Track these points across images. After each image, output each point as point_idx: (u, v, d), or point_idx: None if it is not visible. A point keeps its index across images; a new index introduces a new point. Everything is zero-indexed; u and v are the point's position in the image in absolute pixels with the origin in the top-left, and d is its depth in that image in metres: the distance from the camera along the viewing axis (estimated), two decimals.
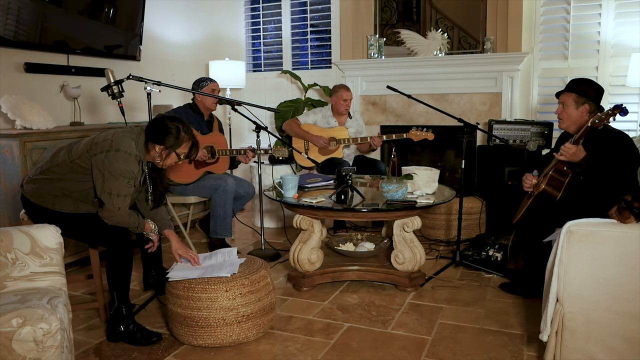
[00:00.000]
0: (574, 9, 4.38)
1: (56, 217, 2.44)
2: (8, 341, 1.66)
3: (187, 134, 2.47)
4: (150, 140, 2.45)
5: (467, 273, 3.29)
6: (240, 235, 4.33)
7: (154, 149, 2.45)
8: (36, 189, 2.47)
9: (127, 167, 2.37)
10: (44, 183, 2.46)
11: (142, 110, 4.46)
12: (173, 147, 2.43)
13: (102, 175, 2.36)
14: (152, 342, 2.40)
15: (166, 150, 2.44)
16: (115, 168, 2.35)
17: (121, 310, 2.43)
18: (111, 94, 2.63)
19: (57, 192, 2.45)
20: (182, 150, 2.47)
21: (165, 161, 2.49)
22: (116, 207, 2.38)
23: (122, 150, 2.36)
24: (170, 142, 2.42)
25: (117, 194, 2.37)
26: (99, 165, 2.37)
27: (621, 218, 1.90)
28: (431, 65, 4.74)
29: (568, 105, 2.85)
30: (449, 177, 4.93)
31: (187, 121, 2.53)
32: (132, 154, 2.39)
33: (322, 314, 2.72)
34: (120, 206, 2.39)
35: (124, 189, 2.39)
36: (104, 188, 2.37)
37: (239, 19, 5.69)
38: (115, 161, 2.35)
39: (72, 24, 3.82)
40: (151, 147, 2.46)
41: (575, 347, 1.94)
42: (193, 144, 2.51)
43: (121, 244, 2.43)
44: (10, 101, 3.29)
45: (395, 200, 2.93)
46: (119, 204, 2.38)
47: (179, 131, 2.43)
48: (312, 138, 4.23)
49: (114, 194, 2.37)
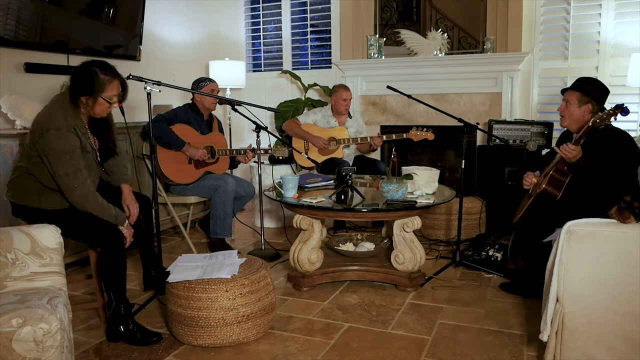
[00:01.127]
0: (574, 9, 4.38)
1: (46, 216, 2.42)
2: (8, 341, 1.66)
3: (109, 74, 2.36)
4: (74, 96, 2.35)
5: (467, 273, 3.29)
6: (240, 235, 4.33)
7: (82, 102, 2.36)
8: (16, 189, 2.46)
9: (61, 144, 2.29)
10: (18, 181, 2.45)
11: (142, 110, 4.45)
12: (97, 92, 2.33)
13: (47, 159, 2.32)
14: (152, 342, 2.40)
15: (91, 98, 2.34)
16: (53, 148, 2.29)
17: (119, 309, 2.42)
18: None
19: (36, 187, 2.42)
20: (110, 94, 2.37)
21: (95, 110, 2.38)
22: (72, 186, 2.32)
23: (52, 128, 2.29)
24: (91, 88, 2.32)
25: (65, 174, 2.32)
26: (41, 151, 2.33)
27: (621, 218, 1.90)
28: (431, 65, 4.74)
29: (571, 103, 2.85)
30: (449, 177, 4.93)
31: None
32: (62, 127, 2.30)
33: (322, 314, 2.72)
34: (76, 184, 2.32)
35: (70, 166, 2.31)
36: (55, 172, 2.33)
37: (239, 19, 5.69)
38: (49, 142, 2.29)
39: (72, 24, 3.82)
40: (79, 103, 2.36)
41: (575, 347, 1.94)
42: (122, 82, 2.40)
43: (113, 243, 2.41)
44: (10, 101, 3.29)
45: (395, 200, 2.93)
46: (74, 183, 2.32)
47: (97, 74, 2.33)
48: (311, 138, 4.23)
49: (62, 174, 2.32)
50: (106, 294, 2.47)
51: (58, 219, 2.41)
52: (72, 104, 2.37)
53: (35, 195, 2.43)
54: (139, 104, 4.39)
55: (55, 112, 2.34)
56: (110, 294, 2.43)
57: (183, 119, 3.67)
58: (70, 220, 2.45)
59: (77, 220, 2.45)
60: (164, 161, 3.57)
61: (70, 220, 2.45)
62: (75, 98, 2.36)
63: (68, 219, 2.45)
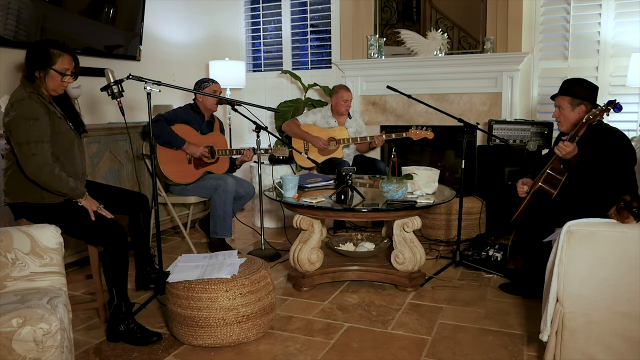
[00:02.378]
0: (574, 9, 4.38)
1: (49, 212, 2.43)
2: (8, 341, 1.66)
3: (59, 48, 2.43)
4: (30, 72, 2.42)
5: (467, 273, 3.29)
6: (240, 235, 4.33)
7: (37, 79, 2.42)
8: (14, 189, 2.46)
9: (25, 110, 2.33)
10: (13, 181, 2.45)
11: (142, 110, 4.46)
12: (48, 64, 2.40)
13: (10, 132, 2.35)
14: (152, 341, 2.40)
15: (43, 71, 2.40)
16: (17, 116, 2.33)
17: (120, 307, 2.42)
18: (111, 94, 2.62)
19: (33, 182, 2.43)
20: (62, 67, 2.43)
21: (48, 84, 2.43)
22: (31, 154, 2.32)
23: (16, 100, 2.36)
24: (42, 62, 2.39)
25: (26, 141, 2.32)
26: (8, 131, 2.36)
27: (620, 218, 1.90)
28: (431, 65, 4.74)
29: (564, 108, 2.85)
30: (449, 177, 4.93)
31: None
32: (24, 97, 2.35)
33: (322, 314, 2.72)
34: (35, 152, 2.32)
35: (32, 133, 2.32)
36: (15, 141, 2.34)
37: (239, 19, 5.69)
38: (15, 114, 2.33)
39: (72, 24, 3.82)
40: (35, 79, 2.42)
41: (575, 347, 1.94)
42: (74, 57, 2.48)
43: (115, 240, 2.42)
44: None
45: (395, 200, 2.93)
46: (33, 150, 2.32)
47: (46, 46, 2.41)
48: (311, 139, 4.23)
49: (23, 142, 2.32)
50: (108, 292, 2.47)
51: (61, 215, 2.43)
52: (28, 81, 2.43)
53: (36, 192, 2.43)
54: (139, 104, 4.40)
55: (15, 91, 2.43)
56: (113, 290, 2.43)
57: (183, 119, 3.67)
58: (73, 216, 2.45)
59: (80, 216, 2.46)
60: (164, 161, 3.57)
61: (73, 216, 2.46)
62: (31, 75, 2.42)
63: (71, 215, 2.45)
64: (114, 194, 2.82)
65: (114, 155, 3.65)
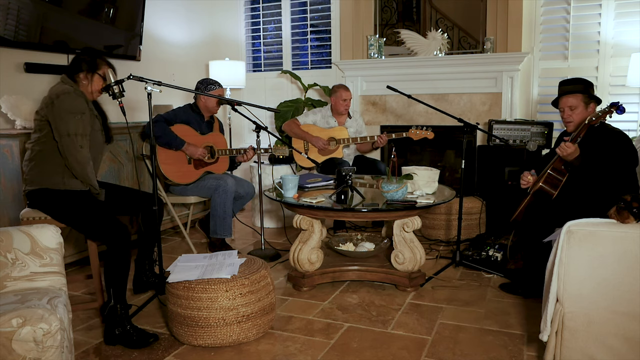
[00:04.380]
0: (574, 9, 4.38)
1: (67, 198, 2.51)
2: (8, 341, 1.65)
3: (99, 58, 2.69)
4: (72, 73, 2.62)
5: (467, 273, 3.29)
6: (240, 235, 4.33)
7: (80, 79, 2.63)
8: (38, 176, 2.54)
9: (72, 104, 2.49)
10: (37, 169, 2.54)
11: (142, 110, 4.46)
12: (92, 69, 2.63)
13: (55, 122, 2.49)
14: (149, 343, 2.39)
15: (89, 73, 2.63)
16: (64, 108, 2.48)
17: (116, 309, 2.41)
18: (112, 94, 2.63)
19: (59, 167, 2.53)
20: (103, 71, 2.65)
21: (92, 85, 2.64)
22: (78, 146, 2.48)
23: (62, 93, 2.51)
24: (87, 65, 2.62)
25: (75, 133, 2.48)
26: (50, 117, 2.50)
27: (620, 218, 1.90)
28: (431, 65, 4.74)
29: (577, 107, 2.81)
30: (449, 177, 4.93)
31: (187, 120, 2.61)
32: (70, 91, 2.53)
33: (322, 314, 2.72)
34: (82, 144, 2.50)
35: (79, 126, 2.50)
36: (61, 132, 2.48)
37: (239, 19, 5.69)
38: (60, 105, 2.48)
39: (72, 24, 3.82)
40: (78, 81, 2.63)
41: (575, 347, 1.94)
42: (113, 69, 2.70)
43: (120, 240, 2.43)
44: (10, 101, 3.29)
45: (395, 200, 2.93)
46: (81, 143, 2.50)
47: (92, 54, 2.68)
48: (311, 139, 4.23)
49: (71, 133, 2.48)
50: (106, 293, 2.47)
51: (75, 204, 2.51)
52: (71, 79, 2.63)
53: (58, 177, 2.53)
54: (139, 104, 4.40)
55: (57, 86, 2.58)
56: (110, 291, 2.43)
57: (183, 119, 3.67)
58: (86, 207, 2.52)
59: (92, 210, 2.51)
60: (164, 162, 3.57)
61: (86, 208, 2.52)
62: (74, 75, 2.63)
63: (84, 206, 2.52)
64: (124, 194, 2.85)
65: (114, 155, 3.65)
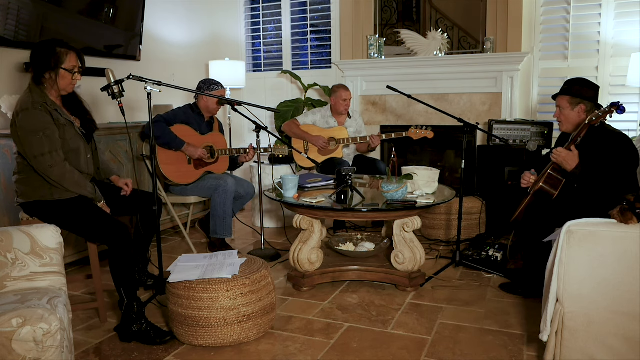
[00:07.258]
0: (574, 9, 4.38)
1: (59, 208, 2.45)
2: (8, 341, 1.66)
3: (65, 46, 2.44)
4: (37, 75, 2.42)
5: (467, 273, 3.29)
6: (240, 235, 4.33)
7: (46, 80, 2.42)
8: (25, 189, 2.48)
9: (32, 122, 2.34)
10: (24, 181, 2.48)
11: (142, 110, 4.46)
12: (57, 64, 2.41)
13: (20, 145, 2.39)
14: (166, 341, 2.39)
15: (53, 72, 2.41)
16: (24, 128, 2.35)
17: (132, 307, 2.42)
18: (111, 94, 2.63)
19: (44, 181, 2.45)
20: (70, 65, 2.45)
21: (59, 84, 2.44)
22: (48, 166, 2.37)
23: (21, 110, 2.36)
24: (51, 62, 2.40)
25: (41, 154, 2.36)
26: (15, 140, 2.40)
27: (623, 219, 1.89)
28: (431, 65, 4.75)
29: (564, 107, 2.87)
30: (449, 177, 4.93)
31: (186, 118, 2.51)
32: (28, 107, 2.35)
33: (322, 314, 2.72)
34: (52, 163, 2.37)
35: (43, 145, 2.36)
36: (28, 155, 2.38)
37: (239, 19, 5.69)
38: (21, 125, 2.35)
39: (72, 24, 3.82)
40: (44, 81, 2.43)
41: (575, 347, 1.94)
42: (78, 53, 2.49)
43: (121, 239, 2.43)
44: (10, 101, 3.29)
45: (395, 200, 2.93)
46: (49, 162, 2.37)
47: (52, 46, 2.41)
48: (311, 139, 4.23)
49: (38, 154, 2.36)
50: (110, 293, 2.46)
51: (70, 211, 2.45)
52: (36, 84, 2.43)
53: (46, 189, 2.46)
54: (139, 104, 4.40)
55: (22, 97, 2.42)
56: (121, 290, 2.43)
57: (182, 119, 3.66)
58: (81, 213, 2.47)
59: (88, 214, 2.47)
60: (164, 162, 3.57)
61: (82, 213, 2.47)
62: (39, 77, 2.43)
63: (79, 212, 2.47)
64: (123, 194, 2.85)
65: (114, 155, 3.65)
